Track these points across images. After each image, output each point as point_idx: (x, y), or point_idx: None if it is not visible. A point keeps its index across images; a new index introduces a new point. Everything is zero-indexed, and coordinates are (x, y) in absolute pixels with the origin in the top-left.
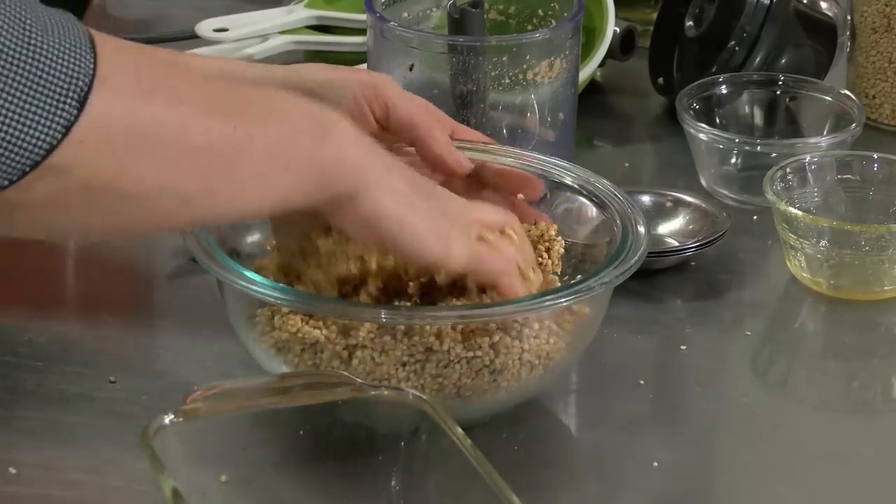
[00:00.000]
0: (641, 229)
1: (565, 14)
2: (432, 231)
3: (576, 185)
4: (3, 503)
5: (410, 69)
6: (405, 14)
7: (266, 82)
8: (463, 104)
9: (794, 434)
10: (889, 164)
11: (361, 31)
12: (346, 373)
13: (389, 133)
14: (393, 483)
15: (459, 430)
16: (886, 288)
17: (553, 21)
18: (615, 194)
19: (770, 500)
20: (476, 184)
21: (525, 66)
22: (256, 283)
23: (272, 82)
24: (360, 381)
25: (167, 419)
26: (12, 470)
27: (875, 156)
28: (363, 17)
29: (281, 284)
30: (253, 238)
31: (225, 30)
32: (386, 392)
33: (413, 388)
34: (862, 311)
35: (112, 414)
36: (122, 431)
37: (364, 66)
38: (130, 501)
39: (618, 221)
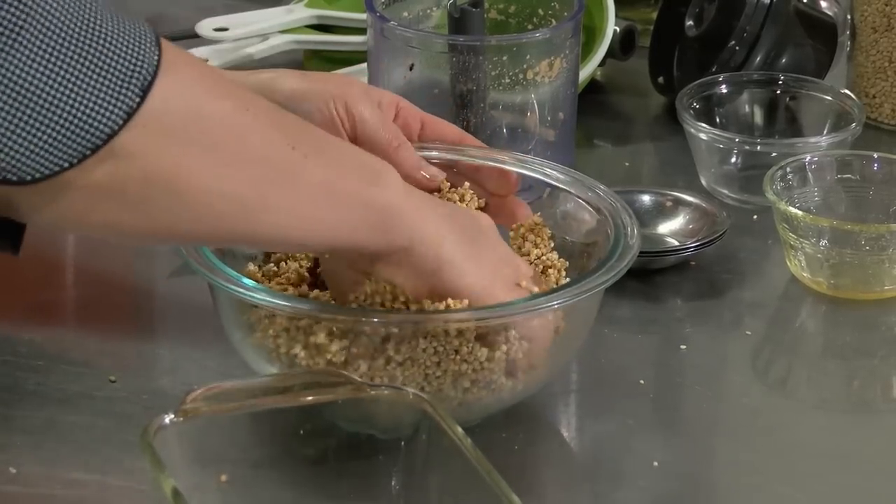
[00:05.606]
0: (632, 234)
1: (565, 13)
2: (483, 277)
3: (567, 188)
4: (3, 503)
5: (410, 68)
6: (405, 13)
7: None
8: (463, 104)
9: (794, 434)
10: (889, 164)
11: (361, 31)
12: (345, 372)
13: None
14: (393, 483)
15: (459, 429)
16: (886, 287)
17: (553, 20)
18: (605, 197)
19: (770, 500)
20: (454, 177)
21: (525, 66)
22: (249, 287)
23: None
24: (360, 380)
25: (167, 419)
26: (12, 469)
27: (875, 155)
28: (363, 16)
29: (273, 290)
30: None
31: (225, 29)
32: (386, 391)
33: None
34: (862, 310)
35: (112, 414)
36: (122, 431)
37: (346, 70)
38: (130, 501)
39: (611, 224)
